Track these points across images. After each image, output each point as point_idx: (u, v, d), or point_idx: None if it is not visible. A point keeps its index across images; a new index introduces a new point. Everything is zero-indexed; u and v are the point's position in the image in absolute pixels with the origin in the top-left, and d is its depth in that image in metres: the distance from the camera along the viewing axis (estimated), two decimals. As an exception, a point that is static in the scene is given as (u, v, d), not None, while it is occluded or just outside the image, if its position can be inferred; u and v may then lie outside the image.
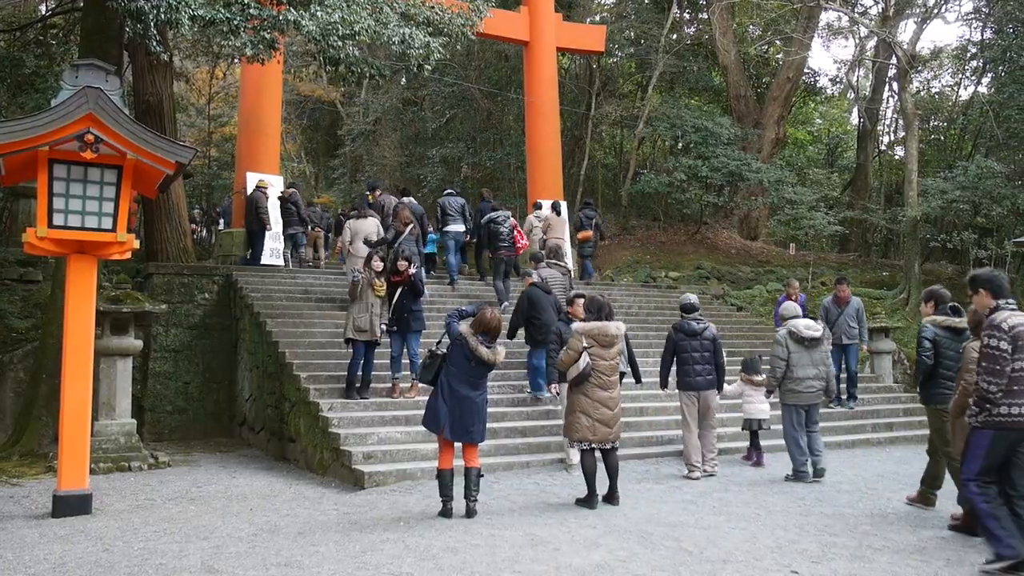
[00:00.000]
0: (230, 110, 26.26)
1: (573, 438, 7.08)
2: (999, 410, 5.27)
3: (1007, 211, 17.25)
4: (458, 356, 6.68)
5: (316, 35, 9.43)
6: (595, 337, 7.08)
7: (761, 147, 23.10)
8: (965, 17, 26.97)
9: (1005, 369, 5.22)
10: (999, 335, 5.25)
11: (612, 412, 7.05)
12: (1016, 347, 5.24)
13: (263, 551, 5.66)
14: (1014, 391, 5.25)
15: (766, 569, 5.24)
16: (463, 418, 6.61)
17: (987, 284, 5.59)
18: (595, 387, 7.01)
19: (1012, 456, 5.33)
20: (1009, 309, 5.38)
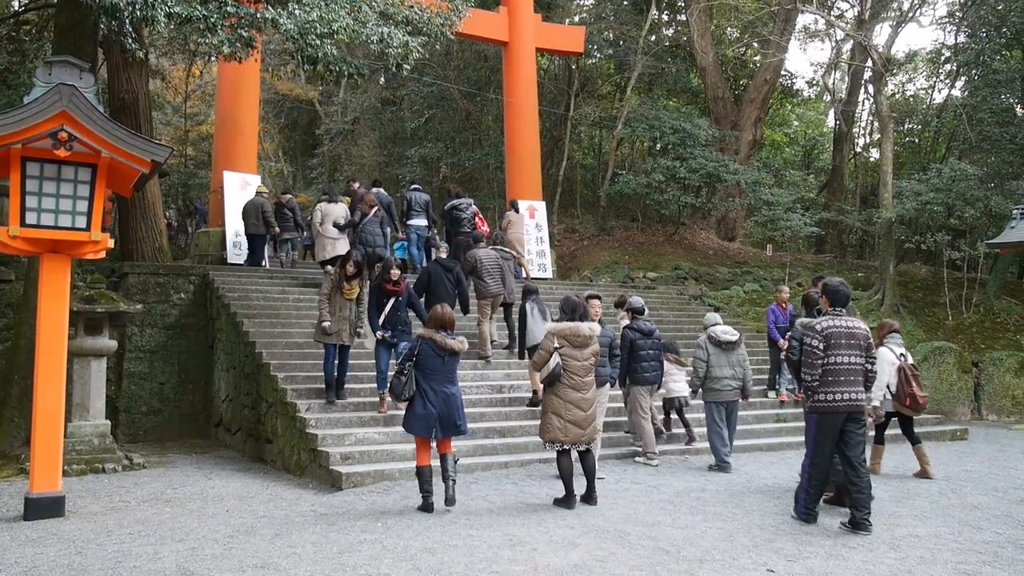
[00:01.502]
0: (207, 108, 26.04)
1: (545, 439, 7.03)
2: (817, 397, 6.42)
3: (980, 213, 17.47)
4: (429, 357, 6.86)
5: (294, 33, 9.37)
6: (567, 338, 7.03)
7: (739, 149, 23.25)
8: (939, 21, 27.29)
9: (817, 363, 6.37)
10: (814, 335, 6.44)
11: (585, 413, 6.98)
12: (828, 346, 6.38)
13: (239, 553, 5.62)
14: (829, 381, 6.37)
15: (743, 568, 5.27)
16: (452, 415, 6.87)
17: (829, 293, 6.67)
18: (567, 388, 6.95)
19: (841, 435, 6.42)
20: (835, 316, 6.49)
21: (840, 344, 6.40)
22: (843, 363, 6.39)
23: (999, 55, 20.28)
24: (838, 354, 6.39)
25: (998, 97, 19.56)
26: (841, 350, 6.39)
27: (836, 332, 6.42)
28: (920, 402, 8.48)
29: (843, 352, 6.40)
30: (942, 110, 25.66)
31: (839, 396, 6.36)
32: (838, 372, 6.38)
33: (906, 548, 5.81)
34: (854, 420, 6.45)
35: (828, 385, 6.38)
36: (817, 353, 6.40)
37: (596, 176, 27.36)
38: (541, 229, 17.87)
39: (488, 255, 11.35)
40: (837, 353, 6.39)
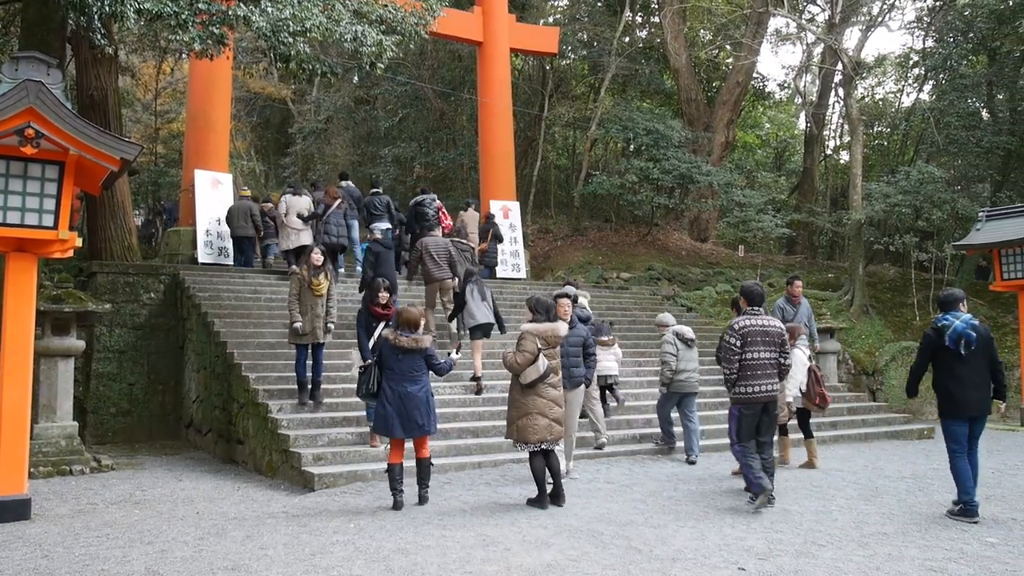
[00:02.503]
0: (178, 106, 25.73)
1: (532, 440, 6.84)
2: (737, 390, 7.01)
3: (947, 215, 17.75)
4: (388, 357, 6.99)
5: (266, 31, 9.31)
6: (547, 338, 7.05)
7: (711, 150, 23.42)
8: (908, 26, 27.71)
9: (734, 359, 6.95)
10: (732, 333, 7.03)
11: (561, 411, 7.07)
12: (745, 343, 6.94)
13: (210, 555, 5.57)
14: (747, 375, 6.94)
15: (714, 566, 5.31)
16: (410, 414, 6.88)
17: (745, 294, 7.32)
18: (548, 387, 6.96)
19: (759, 423, 7.07)
20: (751, 316, 7.05)
21: (756, 341, 6.97)
22: (759, 358, 6.97)
23: (966, 60, 20.63)
24: (754, 350, 6.96)
25: (965, 101, 19.90)
26: (757, 347, 6.96)
27: (752, 330, 6.99)
28: (827, 401, 9.00)
29: (759, 348, 6.97)
30: (910, 113, 26.04)
31: (756, 388, 6.96)
32: (755, 367, 6.96)
33: (874, 545, 5.88)
34: (768, 410, 7.11)
35: (746, 379, 6.97)
36: (735, 350, 6.96)
37: (570, 177, 27.43)
38: (515, 229, 17.88)
39: (436, 242, 11.68)
40: (754, 349, 6.96)
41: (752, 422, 7.06)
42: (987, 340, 6.70)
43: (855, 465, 9.58)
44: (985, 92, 20.21)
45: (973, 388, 6.68)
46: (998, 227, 14.15)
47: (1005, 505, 7.33)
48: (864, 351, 15.85)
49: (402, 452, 7.07)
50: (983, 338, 6.67)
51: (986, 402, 6.77)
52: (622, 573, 5.14)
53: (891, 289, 19.50)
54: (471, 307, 10.68)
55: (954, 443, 6.76)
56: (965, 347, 6.59)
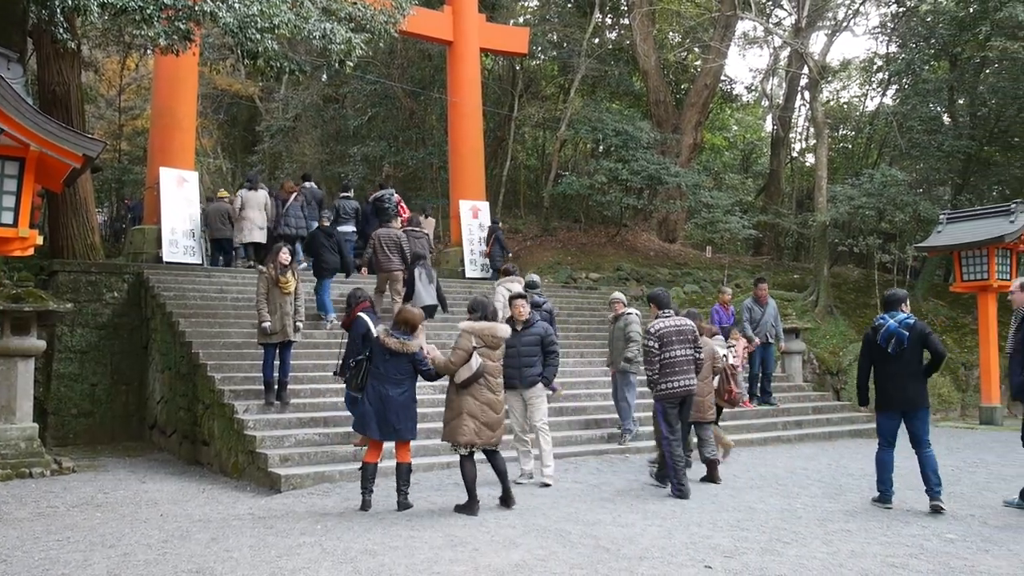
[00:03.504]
0: (142, 102, 25.35)
1: (460, 442, 6.70)
2: (659, 387, 7.62)
3: (909, 217, 18.05)
4: (377, 357, 6.98)
5: (233, 27, 9.21)
6: (484, 338, 6.86)
7: (679, 152, 23.57)
8: (872, 31, 28.21)
9: (654, 359, 7.59)
10: (650, 336, 7.69)
11: (498, 415, 6.84)
12: (662, 344, 7.60)
13: (174, 558, 5.50)
14: (666, 373, 7.56)
15: (681, 564, 5.35)
16: (388, 416, 6.83)
17: (653, 300, 8.05)
18: (484, 389, 6.77)
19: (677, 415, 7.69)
20: (664, 318, 7.73)
21: (672, 341, 7.63)
22: (677, 356, 7.62)
23: (927, 65, 20.98)
24: (672, 349, 7.62)
25: (927, 106, 20.24)
26: (674, 346, 7.62)
27: (667, 331, 7.67)
28: (735, 397, 9.33)
29: (676, 347, 7.63)
30: (874, 117, 26.44)
31: (676, 384, 7.60)
32: (673, 364, 7.60)
33: (838, 542, 5.97)
34: (685, 403, 7.74)
35: (666, 376, 7.59)
36: (654, 351, 7.62)
37: (539, 177, 27.46)
38: (484, 229, 17.87)
39: (388, 234, 11.98)
40: (671, 349, 7.62)
41: (676, 415, 7.70)
42: (920, 337, 6.94)
43: (819, 463, 9.71)
44: (946, 97, 20.57)
45: (902, 385, 6.97)
46: (958, 230, 14.45)
47: (964, 502, 7.48)
48: (828, 351, 16.07)
49: (379, 453, 7.06)
50: (916, 336, 6.91)
51: (917, 398, 7.01)
52: (590, 572, 5.16)
53: (855, 290, 19.78)
54: (418, 289, 11.22)
55: (881, 437, 7.20)
56: (896, 346, 6.89)
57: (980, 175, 20.28)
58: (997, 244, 13.59)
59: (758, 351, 12.30)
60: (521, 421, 8.22)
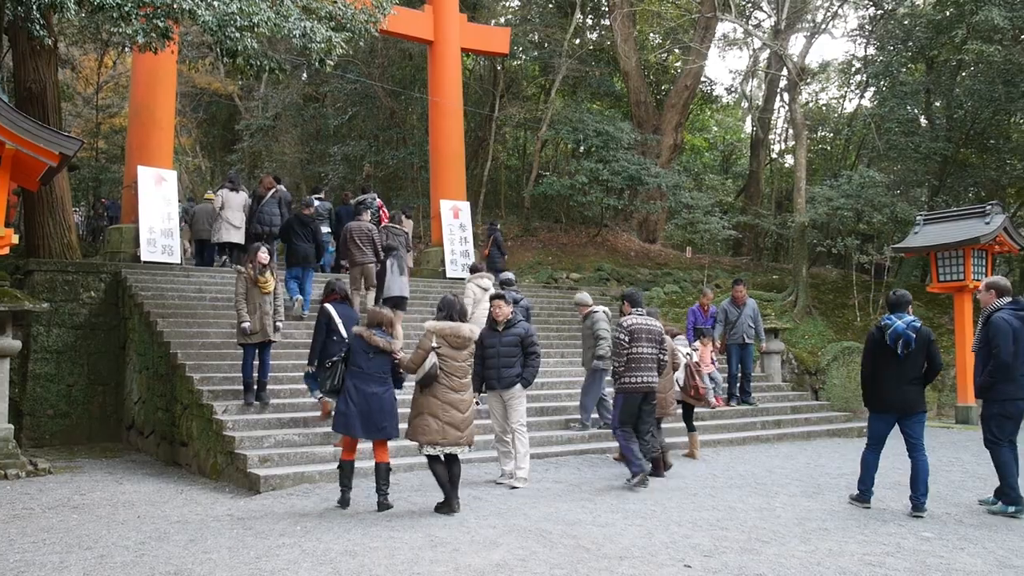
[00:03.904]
0: (120, 100, 25.15)
1: (423, 441, 6.70)
2: (623, 380, 7.95)
3: (887, 218, 18.22)
4: (357, 354, 6.93)
5: (212, 25, 9.14)
6: (446, 337, 6.80)
7: (660, 152, 23.68)
8: (850, 34, 28.43)
9: (623, 352, 7.93)
10: (622, 330, 8.00)
11: (463, 415, 6.79)
12: (632, 339, 7.94)
13: (151, 560, 5.46)
14: (631, 367, 7.93)
15: (661, 564, 5.37)
16: (372, 415, 6.83)
17: (627, 298, 8.41)
18: (446, 389, 6.73)
19: (639, 411, 8.02)
20: (636, 315, 8.10)
21: (641, 338, 7.98)
22: (643, 353, 7.97)
23: (905, 68, 21.21)
24: (639, 345, 7.97)
25: (904, 108, 20.44)
26: (642, 343, 7.98)
27: (638, 328, 8.01)
28: (701, 393, 9.65)
29: (643, 344, 7.98)
30: (852, 119, 26.69)
31: (639, 379, 7.94)
32: (639, 360, 7.96)
33: (816, 541, 6.01)
34: (648, 399, 8.06)
35: (631, 371, 7.95)
36: (624, 344, 7.95)
37: (520, 177, 27.50)
38: (465, 229, 17.86)
39: (359, 227, 12.08)
40: (638, 345, 7.96)
41: (633, 409, 8.01)
42: (925, 342, 6.91)
43: (798, 463, 9.78)
44: (923, 99, 20.79)
45: (902, 388, 6.94)
46: (935, 231, 14.59)
47: (940, 501, 7.56)
48: (807, 351, 16.19)
49: (355, 450, 7.09)
50: (922, 341, 6.87)
51: (916, 402, 7.01)
52: (570, 572, 5.16)
53: (833, 290, 19.94)
54: (388, 280, 11.41)
55: (871, 437, 7.19)
56: (903, 347, 6.80)
57: (956, 177, 20.53)
58: (973, 245, 13.74)
59: (736, 351, 12.37)
60: (501, 422, 8.18)
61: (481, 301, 11.05)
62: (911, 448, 7.01)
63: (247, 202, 13.85)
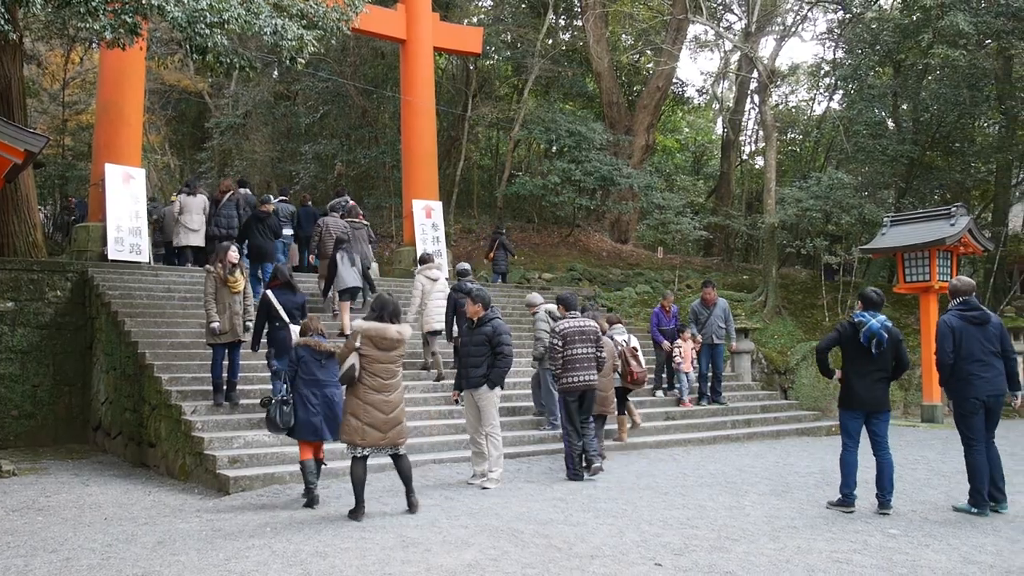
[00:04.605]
0: (87, 97, 24.75)
1: (342, 440, 6.67)
2: (562, 381, 8.40)
3: (855, 220, 18.44)
4: (310, 364, 7.17)
5: (182, 22, 9.03)
6: (372, 339, 6.63)
7: (632, 153, 23.79)
8: (819, 37, 28.77)
9: (559, 356, 8.35)
10: (554, 335, 8.46)
11: (386, 416, 6.59)
12: (565, 342, 8.35)
13: (118, 562, 5.39)
14: (568, 369, 8.32)
15: (632, 562, 5.40)
16: (335, 415, 7.05)
17: (561, 301, 8.86)
18: (368, 389, 6.57)
19: (580, 407, 8.44)
20: (569, 319, 8.50)
21: (575, 340, 8.36)
22: (578, 354, 8.34)
23: (873, 71, 21.47)
24: (574, 348, 8.34)
25: (872, 111, 20.71)
26: (576, 344, 8.35)
27: (570, 331, 8.40)
28: (636, 377, 9.97)
29: (578, 346, 8.35)
30: (821, 121, 26.99)
31: (577, 378, 8.33)
32: (575, 361, 8.34)
33: (785, 539, 6.08)
34: (586, 396, 8.43)
35: (568, 371, 8.34)
36: (558, 348, 8.35)
37: (493, 177, 27.49)
38: (437, 229, 17.82)
39: (335, 223, 12.55)
40: (573, 347, 8.34)
41: (574, 407, 8.40)
42: (895, 341, 7.03)
43: (767, 461, 9.88)
44: (890, 102, 21.07)
45: (871, 385, 7.02)
46: (901, 232, 14.81)
47: (906, 498, 7.67)
48: (777, 351, 16.35)
49: (312, 449, 7.18)
50: (893, 340, 6.99)
51: (884, 400, 7.11)
52: (542, 571, 5.18)
53: (802, 291, 20.16)
54: (340, 272, 11.56)
55: (847, 436, 7.18)
56: (877, 346, 6.90)
57: (922, 179, 20.83)
58: (938, 246, 13.96)
59: (706, 351, 12.49)
60: (475, 422, 8.15)
61: (431, 293, 11.24)
62: (876, 447, 7.11)
63: (206, 205, 14.00)
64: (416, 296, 11.31)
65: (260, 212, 12.39)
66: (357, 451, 6.60)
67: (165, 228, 14.68)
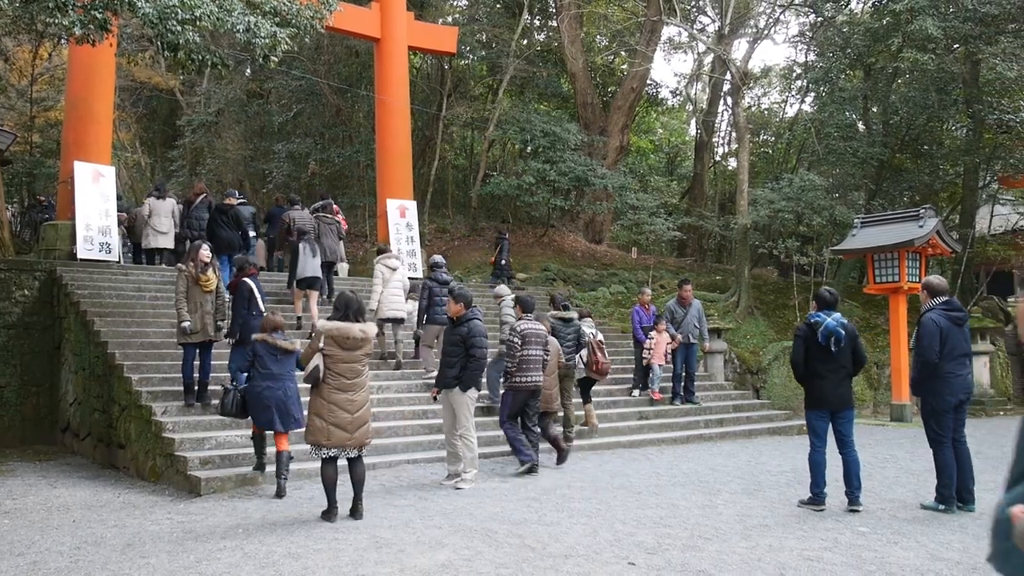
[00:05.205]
0: (56, 93, 24.38)
1: (308, 441, 6.58)
2: (514, 379, 8.60)
3: (826, 221, 18.63)
4: (266, 358, 7.63)
5: (153, 18, 8.92)
6: (335, 339, 6.53)
7: (606, 154, 23.87)
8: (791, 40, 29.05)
9: (516, 354, 8.54)
10: (515, 334, 8.67)
11: (351, 416, 6.49)
12: (524, 342, 8.60)
13: (87, 566, 5.32)
14: (523, 368, 8.59)
15: (605, 562, 5.41)
16: (290, 409, 7.63)
17: (520, 303, 9.13)
18: (332, 389, 6.48)
19: (524, 407, 8.76)
20: (528, 320, 8.84)
21: (531, 341, 8.66)
22: (532, 355, 8.63)
23: (844, 74, 21.70)
24: (529, 349, 8.63)
25: (843, 113, 20.93)
26: (531, 346, 8.64)
27: (529, 332, 8.69)
28: (601, 368, 10.41)
29: (533, 347, 8.64)
30: (793, 123, 27.24)
31: (528, 379, 8.61)
32: (529, 361, 8.62)
33: (757, 537, 6.13)
34: (534, 395, 8.77)
35: (522, 371, 8.59)
36: (516, 346, 8.59)
37: (468, 177, 27.46)
38: (412, 229, 17.77)
39: (301, 216, 12.62)
40: (529, 348, 8.63)
41: (519, 405, 8.69)
42: (852, 337, 7.16)
43: (739, 460, 9.95)
44: (861, 105, 21.30)
45: (836, 383, 7.13)
46: (871, 233, 14.99)
47: (875, 496, 7.77)
48: (749, 350, 16.48)
49: None
50: (850, 336, 7.11)
51: (847, 398, 7.21)
52: (515, 571, 5.18)
53: (774, 291, 20.34)
54: (302, 262, 11.76)
55: (815, 436, 7.26)
56: (836, 343, 7.00)
57: (892, 181, 21.08)
58: (907, 248, 14.14)
59: (681, 351, 12.55)
60: (450, 422, 8.13)
61: (389, 281, 11.46)
62: (842, 444, 7.20)
63: (175, 208, 14.10)
64: (377, 284, 11.49)
65: (223, 205, 12.73)
66: (323, 452, 6.52)
67: (136, 229, 14.55)
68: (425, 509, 6.94)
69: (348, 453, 6.57)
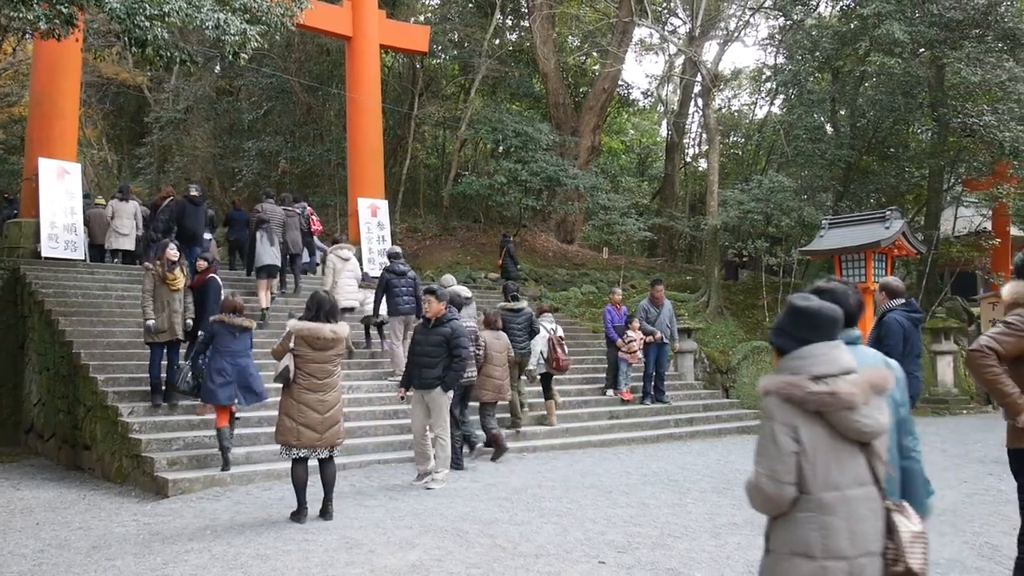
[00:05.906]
0: (20, 89, 23.94)
1: (278, 441, 6.56)
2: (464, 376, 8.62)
3: (794, 222, 18.83)
4: (223, 336, 7.94)
5: (120, 13, 8.80)
6: (306, 339, 6.47)
7: (578, 154, 23.94)
8: (761, 42, 29.30)
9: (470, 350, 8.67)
10: None
11: (321, 416, 6.44)
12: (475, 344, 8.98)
13: (51, 568, 5.24)
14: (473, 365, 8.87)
15: (576, 560, 5.44)
16: (250, 384, 7.95)
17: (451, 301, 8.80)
18: (303, 389, 6.42)
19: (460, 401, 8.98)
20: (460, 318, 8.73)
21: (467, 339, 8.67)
22: None
23: (812, 77, 21.95)
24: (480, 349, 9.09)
25: (811, 115, 21.17)
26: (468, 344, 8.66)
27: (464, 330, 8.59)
28: (561, 364, 10.82)
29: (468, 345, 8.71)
30: (763, 125, 27.51)
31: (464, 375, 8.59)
32: None
33: (726, 535, 6.18)
34: (469, 391, 9.12)
35: None
36: None
37: (439, 176, 27.40)
38: (383, 228, 17.69)
39: (272, 210, 12.82)
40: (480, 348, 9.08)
41: (456, 400, 8.72)
42: None
43: (709, 459, 10.03)
44: (829, 108, 21.57)
45: None
46: (839, 235, 15.18)
47: (842, 494, 7.85)
48: (719, 350, 16.61)
49: (227, 416, 8.02)
50: None
51: None
52: (486, 571, 5.18)
53: (744, 291, 20.52)
54: (259, 251, 12.06)
55: None
56: None
57: (859, 183, 21.35)
58: (873, 249, 14.33)
59: (652, 350, 12.59)
60: (421, 421, 8.07)
61: (341, 271, 11.67)
62: None
63: (138, 210, 14.26)
64: (328, 274, 11.65)
65: (193, 197, 12.77)
66: (293, 452, 6.47)
67: (90, 228, 14.37)
68: (396, 509, 6.92)
69: (319, 454, 6.52)
